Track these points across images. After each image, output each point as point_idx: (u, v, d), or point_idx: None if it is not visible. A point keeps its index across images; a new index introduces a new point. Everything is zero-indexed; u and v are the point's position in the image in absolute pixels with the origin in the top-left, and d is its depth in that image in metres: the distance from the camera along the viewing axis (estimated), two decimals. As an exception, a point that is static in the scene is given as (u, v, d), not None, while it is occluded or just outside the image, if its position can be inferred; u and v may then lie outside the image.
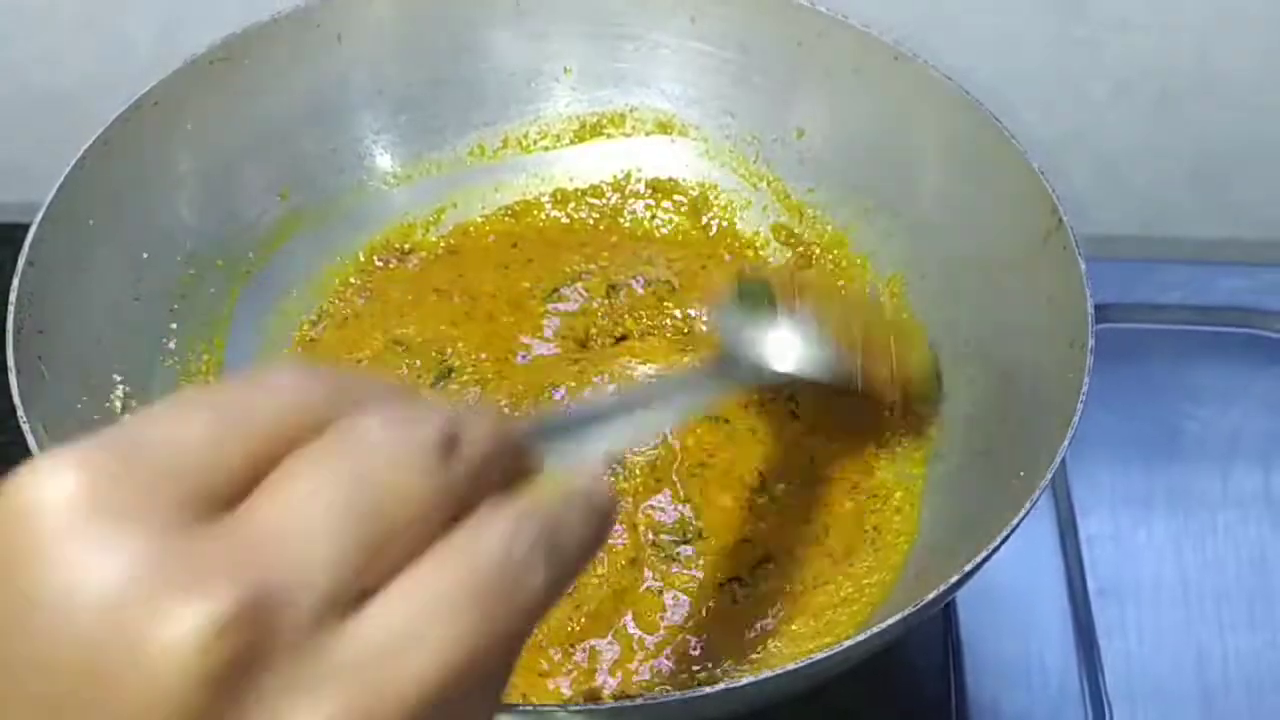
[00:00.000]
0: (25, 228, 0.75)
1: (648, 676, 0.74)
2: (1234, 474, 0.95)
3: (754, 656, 0.76)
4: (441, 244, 0.93)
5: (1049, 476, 0.69)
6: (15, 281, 0.73)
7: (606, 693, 0.74)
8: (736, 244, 0.93)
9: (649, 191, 0.95)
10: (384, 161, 0.92)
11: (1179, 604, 0.89)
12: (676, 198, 0.95)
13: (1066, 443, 0.70)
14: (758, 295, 0.79)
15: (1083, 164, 1.06)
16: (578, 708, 0.71)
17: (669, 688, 0.73)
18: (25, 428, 0.67)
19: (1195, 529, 0.92)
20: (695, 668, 0.75)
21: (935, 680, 0.84)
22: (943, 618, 0.85)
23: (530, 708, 0.68)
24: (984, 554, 0.67)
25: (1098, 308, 0.99)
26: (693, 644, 0.76)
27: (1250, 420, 0.98)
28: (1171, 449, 0.96)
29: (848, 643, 0.64)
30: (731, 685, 0.64)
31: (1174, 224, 1.10)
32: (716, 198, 0.94)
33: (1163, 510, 0.93)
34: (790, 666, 0.63)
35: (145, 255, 0.82)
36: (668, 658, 0.75)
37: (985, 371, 0.83)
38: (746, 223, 0.94)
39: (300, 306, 0.89)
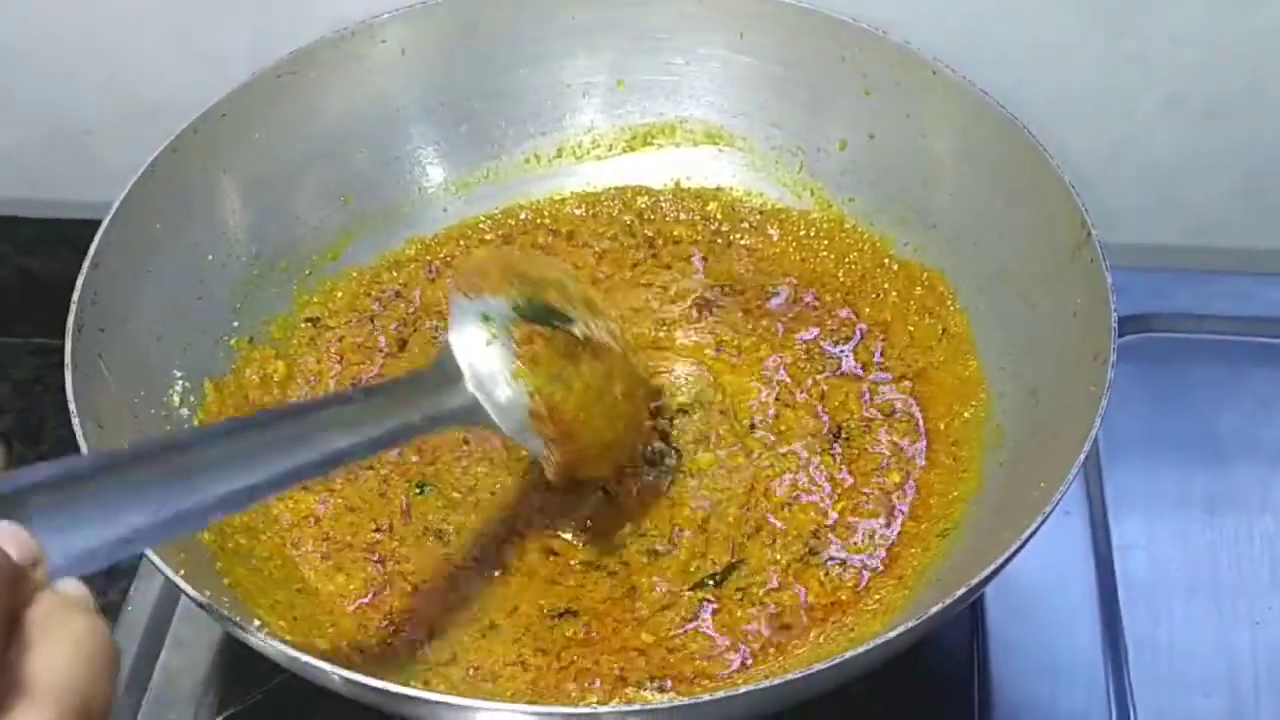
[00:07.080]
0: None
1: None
2: (1274, 482, 0.90)
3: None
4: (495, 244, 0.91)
5: (1062, 491, 0.66)
6: (79, 282, 0.72)
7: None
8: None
9: (695, 200, 0.92)
10: (443, 169, 0.91)
11: (1210, 606, 0.84)
12: (713, 205, 0.92)
13: (1081, 458, 0.67)
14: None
15: (1131, 175, 1.02)
16: (612, 709, 0.68)
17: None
18: (75, 422, 0.66)
19: (1230, 534, 0.87)
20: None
21: (961, 672, 0.80)
22: (971, 612, 0.82)
23: (577, 710, 0.67)
24: (986, 571, 0.64)
25: (1142, 316, 0.97)
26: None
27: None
28: (1211, 456, 0.91)
29: (863, 646, 0.62)
30: (763, 685, 0.61)
31: (1222, 234, 1.05)
32: (762, 205, 0.91)
33: (1199, 515, 0.88)
34: (817, 667, 0.61)
35: (210, 257, 0.82)
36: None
37: (1016, 386, 0.79)
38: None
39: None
